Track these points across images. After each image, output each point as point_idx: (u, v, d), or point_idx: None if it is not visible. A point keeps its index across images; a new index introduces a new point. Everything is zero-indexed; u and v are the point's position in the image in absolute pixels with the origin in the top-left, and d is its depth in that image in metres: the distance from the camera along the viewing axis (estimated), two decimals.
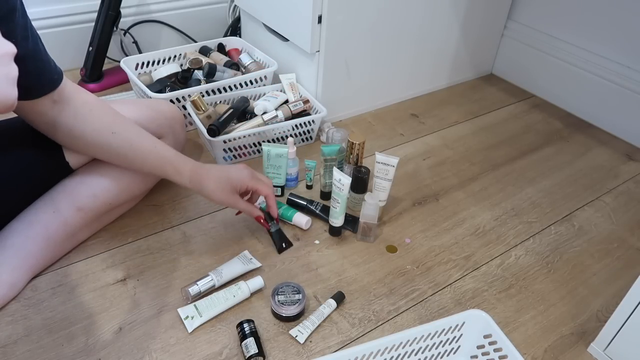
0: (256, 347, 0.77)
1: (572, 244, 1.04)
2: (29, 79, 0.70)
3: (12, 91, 0.46)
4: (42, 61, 0.74)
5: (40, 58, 0.74)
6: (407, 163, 1.24)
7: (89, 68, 1.41)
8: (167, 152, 0.88)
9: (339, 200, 0.95)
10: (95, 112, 0.83)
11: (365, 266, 0.95)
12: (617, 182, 1.23)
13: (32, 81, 0.73)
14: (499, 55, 1.67)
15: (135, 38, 1.57)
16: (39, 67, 0.74)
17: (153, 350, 0.78)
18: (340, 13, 1.19)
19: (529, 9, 1.55)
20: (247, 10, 1.47)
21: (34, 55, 0.72)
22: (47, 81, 0.76)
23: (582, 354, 0.83)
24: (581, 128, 1.44)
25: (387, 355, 0.71)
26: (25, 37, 0.69)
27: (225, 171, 0.89)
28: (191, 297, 0.84)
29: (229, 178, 0.88)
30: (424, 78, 1.52)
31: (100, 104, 0.85)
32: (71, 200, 0.89)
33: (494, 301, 0.90)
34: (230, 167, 0.90)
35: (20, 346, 0.77)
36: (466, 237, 1.03)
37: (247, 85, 1.34)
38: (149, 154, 0.86)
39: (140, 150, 0.86)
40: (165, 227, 1.00)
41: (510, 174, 1.23)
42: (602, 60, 1.40)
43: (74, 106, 0.81)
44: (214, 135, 1.12)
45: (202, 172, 0.88)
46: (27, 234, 0.86)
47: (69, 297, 0.85)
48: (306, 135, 1.26)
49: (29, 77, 0.70)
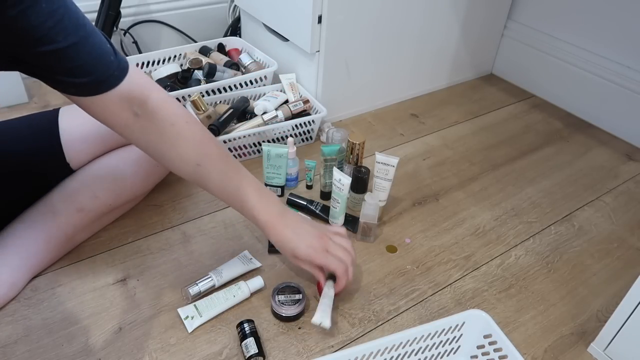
0: (256, 347, 0.77)
1: (572, 244, 1.04)
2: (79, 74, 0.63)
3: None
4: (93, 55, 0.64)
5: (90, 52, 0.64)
6: (407, 163, 1.24)
7: None
8: (249, 195, 0.80)
9: (339, 200, 0.95)
10: (182, 138, 0.75)
11: (365, 266, 0.95)
12: (617, 182, 1.23)
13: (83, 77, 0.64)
14: (499, 55, 1.67)
15: (135, 38, 1.57)
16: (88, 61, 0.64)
17: (153, 350, 0.78)
18: (340, 13, 1.19)
19: (529, 9, 1.55)
20: (247, 10, 1.47)
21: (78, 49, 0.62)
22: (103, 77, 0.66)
23: (582, 354, 0.83)
24: (581, 128, 1.44)
25: (387, 355, 0.71)
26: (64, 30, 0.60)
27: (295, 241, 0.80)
28: (191, 297, 0.84)
29: (294, 250, 0.80)
30: (424, 78, 1.52)
31: (187, 127, 0.76)
32: (71, 201, 0.89)
33: (494, 301, 0.90)
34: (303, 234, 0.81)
35: (20, 346, 0.77)
36: (466, 237, 1.03)
37: (247, 85, 1.34)
38: (231, 193, 0.80)
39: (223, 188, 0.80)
40: (165, 227, 1.00)
41: (510, 174, 1.23)
42: (602, 60, 1.40)
43: (159, 126, 0.73)
44: (214, 135, 1.12)
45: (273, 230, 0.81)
46: (27, 235, 0.86)
47: (69, 297, 0.85)
48: (306, 135, 1.26)
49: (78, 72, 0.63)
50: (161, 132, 0.74)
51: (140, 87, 0.71)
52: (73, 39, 0.61)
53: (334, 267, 0.81)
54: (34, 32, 0.58)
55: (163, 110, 0.73)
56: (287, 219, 0.82)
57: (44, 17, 0.58)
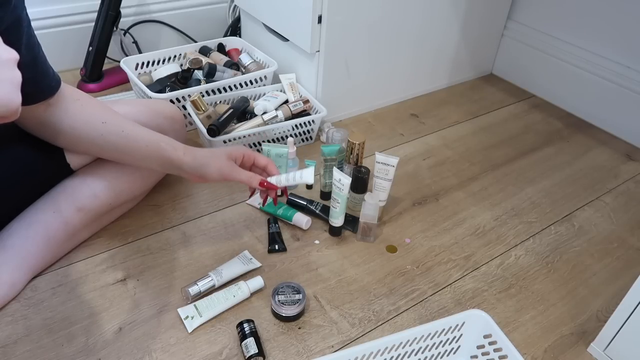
0: (256, 347, 0.77)
1: (572, 244, 1.04)
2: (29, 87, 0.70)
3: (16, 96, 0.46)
4: (42, 69, 0.75)
5: (41, 66, 0.74)
6: (407, 163, 1.24)
7: (89, 68, 1.41)
8: (159, 135, 0.86)
9: (339, 200, 0.95)
10: (87, 107, 0.83)
11: (365, 266, 0.95)
12: (617, 182, 1.23)
13: (31, 88, 0.73)
14: (499, 55, 1.67)
15: (135, 38, 1.57)
16: (39, 74, 0.74)
17: (153, 350, 0.78)
18: (340, 13, 1.19)
19: (529, 9, 1.55)
20: (247, 10, 1.47)
21: (35, 63, 0.73)
22: (45, 87, 0.77)
23: (582, 354, 0.83)
24: (581, 128, 1.44)
25: (387, 355, 0.71)
26: (29, 46, 0.70)
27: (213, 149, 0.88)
28: (191, 297, 0.84)
29: (225, 149, 0.87)
30: (423, 78, 1.52)
31: (93, 100, 0.85)
32: (71, 201, 0.89)
33: (494, 301, 0.90)
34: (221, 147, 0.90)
35: (20, 346, 0.77)
36: (466, 237, 1.03)
37: (247, 85, 1.34)
38: (142, 138, 0.84)
39: (133, 136, 0.84)
40: (165, 227, 1.00)
41: (510, 174, 1.23)
42: (602, 60, 1.40)
43: (65, 104, 0.81)
44: (214, 135, 1.12)
45: (197, 148, 0.87)
46: (27, 234, 0.86)
47: (69, 297, 0.85)
48: (306, 135, 1.26)
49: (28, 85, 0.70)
50: (67, 108, 0.81)
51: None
52: (33, 53, 0.71)
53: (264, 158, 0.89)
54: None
55: (68, 92, 0.82)
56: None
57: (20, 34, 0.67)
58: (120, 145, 0.84)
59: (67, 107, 0.81)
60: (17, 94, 0.46)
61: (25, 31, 0.68)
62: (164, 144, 0.85)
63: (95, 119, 0.83)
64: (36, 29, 0.74)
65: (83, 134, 0.83)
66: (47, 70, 0.76)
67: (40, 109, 0.79)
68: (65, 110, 0.81)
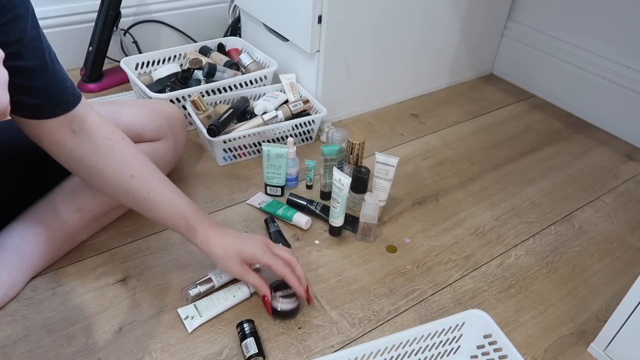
0: (256, 347, 0.77)
1: (572, 244, 1.04)
2: (38, 95, 0.67)
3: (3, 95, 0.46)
4: (55, 79, 0.70)
5: (53, 75, 0.69)
6: (407, 163, 1.24)
7: (89, 68, 1.41)
8: (184, 206, 0.81)
9: (339, 200, 0.95)
10: (117, 151, 0.78)
11: (365, 266, 0.95)
12: (617, 182, 1.23)
13: (41, 98, 0.69)
14: (499, 55, 1.67)
15: (135, 38, 1.57)
16: (50, 84, 0.69)
17: (153, 350, 0.78)
18: (340, 13, 1.19)
19: (529, 9, 1.55)
20: (247, 10, 1.47)
21: (45, 70, 0.68)
22: (60, 101, 0.71)
23: (582, 354, 0.83)
24: (581, 128, 1.44)
25: (387, 355, 0.71)
26: (35, 50, 0.65)
27: (239, 243, 0.81)
28: (191, 298, 0.84)
29: (240, 251, 0.81)
30: (424, 78, 1.52)
31: (123, 142, 0.79)
32: (71, 201, 0.89)
33: (494, 301, 0.90)
34: (245, 237, 0.83)
35: (20, 346, 0.77)
36: (466, 237, 1.03)
37: (247, 85, 1.34)
38: (165, 205, 0.80)
39: (157, 199, 0.79)
40: (165, 227, 1.00)
41: (510, 174, 1.23)
42: (602, 60, 1.40)
43: (95, 141, 0.76)
44: (214, 135, 1.12)
45: (215, 236, 0.81)
46: (27, 234, 0.86)
47: (69, 297, 0.85)
48: (306, 135, 1.26)
49: (37, 93, 0.67)
50: (97, 146, 0.76)
51: (82, 109, 0.75)
52: (41, 60, 0.66)
53: (280, 268, 0.80)
54: (8, 47, 0.59)
55: (100, 126, 0.77)
56: (225, 228, 0.84)
57: (20, 34, 0.62)
58: (144, 205, 0.80)
59: (97, 146, 0.76)
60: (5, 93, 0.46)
61: (27, 32, 0.64)
62: (183, 222, 0.80)
63: (124, 169, 0.78)
64: None
65: (110, 181, 0.78)
66: (62, 81, 0.71)
67: (64, 135, 0.73)
68: (95, 149, 0.76)
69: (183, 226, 0.81)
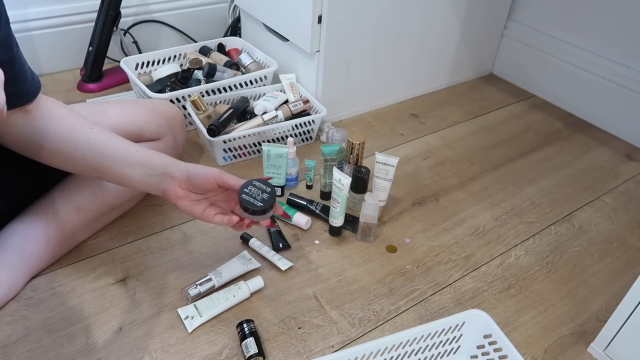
0: (256, 347, 0.77)
1: (572, 244, 1.04)
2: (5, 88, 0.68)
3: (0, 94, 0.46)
4: (21, 71, 0.71)
5: (19, 67, 0.71)
6: (407, 163, 1.24)
7: (89, 68, 1.41)
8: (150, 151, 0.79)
9: (339, 200, 0.95)
10: (72, 114, 0.79)
11: (365, 266, 0.95)
12: (617, 182, 1.23)
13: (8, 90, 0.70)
14: (499, 55, 1.67)
15: (135, 38, 1.57)
16: (17, 76, 0.70)
17: (153, 350, 0.78)
18: (340, 13, 1.19)
19: (529, 9, 1.55)
20: (247, 10, 1.47)
21: (12, 63, 0.69)
22: (23, 91, 0.72)
23: (582, 354, 0.83)
24: (581, 128, 1.44)
25: (387, 355, 0.71)
26: (5, 44, 0.66)
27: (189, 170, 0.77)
28: (191, 298, 0.84)
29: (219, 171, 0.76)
30: (424, 78, 1.52)
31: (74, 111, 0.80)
32: (71, 201, 0.89)
33: (494, 301, 0.90)
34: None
35: (20, 346, 0.77)
36: (466, 237, 1.03)
37: (247, 85, 1.34)
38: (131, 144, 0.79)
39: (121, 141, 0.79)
40: (165, 227, 1.00)
41: (510, 174, 1.23)
42: (602, 60, 1.40)
43: (48, 111, 0.77)
44: (214, 135, 1.12)
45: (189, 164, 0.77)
46: (26, 234, 0.86)
47: (69, 297, 0.85)
48: (306, 135, 1.26)
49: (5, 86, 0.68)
50: (50, 113, 0.77)
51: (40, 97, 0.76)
52: (10, 54, 0.68)
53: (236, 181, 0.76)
54: None
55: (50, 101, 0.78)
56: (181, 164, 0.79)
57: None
58: (108, 150, 0.77)
59: (52, 112, 0.77)
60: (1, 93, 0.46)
61: (2, 28, 0.65)
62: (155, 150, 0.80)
63: (82, 124, 0.78)
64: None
65: (67, 137, 0.77)
66: (25, 72, 0.72)
67: (18, 116, 0.74)
68: (49, 116, 0.77)
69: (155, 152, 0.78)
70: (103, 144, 0.78)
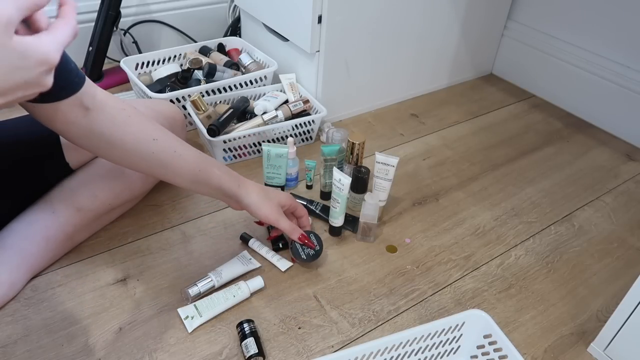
0: (256, 347, 0.77)
1: (572, 244, 1.04)
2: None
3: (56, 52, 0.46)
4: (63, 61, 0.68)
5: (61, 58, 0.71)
6: (407, 163, 1.24)
7: (89, 68, 1.41)
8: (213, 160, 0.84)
9: (339, 200, 0.95)
10: (134, 119, 0.77)
11: (365, 266, 0.95)
12: (617, 182, 1.23)
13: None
14: (499, 55, 1.67)
15: (135, 38, 1.57)
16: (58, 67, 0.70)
17: (153, 350, 0.78)
18: (340, 13, 1.19)
19: (529, 9, 1.55)
20: (247, 10, 1.47)
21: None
22: (65, 83, 0.70)
23: (582, 354, 0.83)
24: (581, 128, 1.44)
25: (387, 355, 0.71)
26: None
27: (273, 190, 0.90)
28: (191, 298, 0.84)
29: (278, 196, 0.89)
30: (424, 78, 1.52)
31: (138, 112, 0.79)
32: (70, 201, 0.89)
33: (494, 301, 0.90)
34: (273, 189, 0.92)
35: (20, 346, 0.77)
36: (466, 237, 1.03)
37: (247, 85, 1.34)
38: (194, 158, 0.81)
39: (185, 155, 0.80)
40: (165, 227, 1.00)
41: (510, 174, 1.23)
42: (602, 60, 1.40)
43: (110, 112, 0.75)
44: (214, 135, 1.12)
45: (250, 183, 0.87)
46: (26, 234, 0.86)
47: (69, 297, 0.85)
48: (306, 135, 1.26)
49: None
50: (113, 117, 0.75)
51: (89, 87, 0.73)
52: None
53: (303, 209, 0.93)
54: None
55: (111, 99, 0.76)
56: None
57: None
58: (173, 166, 0.79)
59: (114, 117, 0.75)
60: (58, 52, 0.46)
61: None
62: (217, 170, 0.83)
63: (145, 134, 0.78)
64: None
65: (133, 148, 0.77)
66: (68, 63, 0.70)
67: (77, 114, 0.72)
68: (112, 120, 0.75)
69: (216, 174, 0.82)
70: (167, 160, 0.79)
